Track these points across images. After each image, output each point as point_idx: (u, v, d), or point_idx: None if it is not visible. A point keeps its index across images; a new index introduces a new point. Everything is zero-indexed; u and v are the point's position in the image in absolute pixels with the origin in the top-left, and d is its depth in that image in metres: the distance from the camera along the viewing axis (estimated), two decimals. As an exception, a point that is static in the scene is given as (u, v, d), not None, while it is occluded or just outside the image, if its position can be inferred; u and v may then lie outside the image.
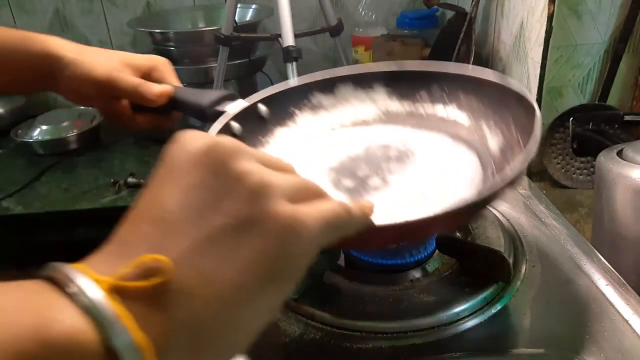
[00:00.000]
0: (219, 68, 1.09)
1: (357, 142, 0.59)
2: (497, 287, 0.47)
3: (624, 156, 0.60)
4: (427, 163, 0.54)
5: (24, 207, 0.99)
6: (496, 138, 0.54)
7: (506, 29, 0.97)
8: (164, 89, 0.58)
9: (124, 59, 0.60)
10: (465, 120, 0.58)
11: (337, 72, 0.62)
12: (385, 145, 0.58)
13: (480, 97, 0.57)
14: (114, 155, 1.20)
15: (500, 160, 0.51)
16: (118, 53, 0.62)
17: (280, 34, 0.95)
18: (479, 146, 0.55)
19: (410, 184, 0.52)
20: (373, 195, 0.50)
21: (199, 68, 1.24)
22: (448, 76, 0.60)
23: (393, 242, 0.44)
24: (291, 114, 0.61)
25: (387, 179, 0.53)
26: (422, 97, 0.62)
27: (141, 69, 0.61)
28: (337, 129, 0.62)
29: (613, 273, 0.50)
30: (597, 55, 0.83)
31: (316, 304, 0.46)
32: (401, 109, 0.62)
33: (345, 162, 0.56)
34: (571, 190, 0.87)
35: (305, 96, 0.62)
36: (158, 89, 0.58)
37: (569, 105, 0.86)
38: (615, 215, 0.60)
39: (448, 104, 0.60)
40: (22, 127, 1.24)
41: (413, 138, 0.59)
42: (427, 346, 0.43)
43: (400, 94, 0.63)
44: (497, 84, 0.54)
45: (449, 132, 0.58)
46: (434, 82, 0.61)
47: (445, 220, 0.39)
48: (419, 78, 0.62)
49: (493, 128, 0.55)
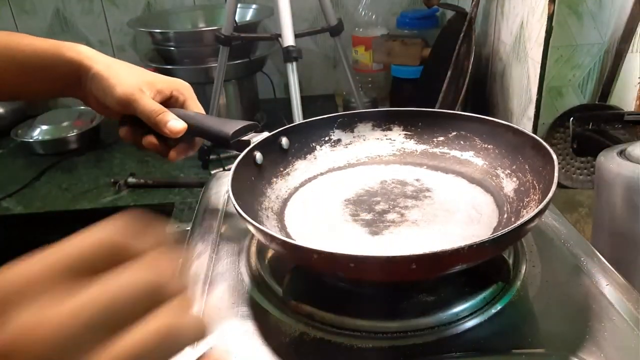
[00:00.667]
0: (219, 68, 1.09)
1: (373, 178, 0.62)
2: (497, 287, 0.47)
3: (625, 156, 0.60)
4: (443, 201, 0.56)
5: (24, 207, 0.99)
6: (511, 182, 0.56)
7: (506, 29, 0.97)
8: (178, 128, 0.59)
9: (148, 80, 0.62)
10: (481, 164, 0.61)
11: (359, 112, 0.67)
12: (402, 182, 0.60)
13: (496, 143, 0.60)
14: (114, 155, 1.20)
15: (516, 203, 0.53)
16: (144, 72, 0.63)
17: (280, 34, 0.95)
18: (495, 188, 0.57)
19: (426, 220, 0.53)
20: (390, 229, 0.52)
21: (199, 68, 1.24)
22: (465, 122, 0.63)
23: (405, 276, 0.43)
24: (312, 148, 0.64)
25: (404, 213, 0.54)
26: (439, 141, 0.64)
27: (164, 92, 0.63)
28: (354, 165, 0.65)
29: (613, 273, 0.50)
30: (597, 55, 0.83)
31: (316, 304, 0.46)
32: (418, 150, 0.65)
33: (362, 195, 0.58)
34: (571, 190, 0.87)
35: (326, 132, 0.65)
36: (173, 126, 0.59)
37: (569, 105, 0.86)
38: (616, 215, 0.60)
39: (465, 149, 0.63)
40: (22, 127, 1.25)
41: (429, 177, 0.61)
42: (427, 346, 0.43)
43: (418, 137, 0.66)
44: (514, 131, 0.57)
45: (465, 174, 0.61)
46: (451, 127, 0.64)
47: (458, 257, 0.39)
48: (437, 123, 0.65)
49: (508, 173, 0.57)
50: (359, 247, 0.50)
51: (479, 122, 0.62)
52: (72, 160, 1.18)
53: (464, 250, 0.38)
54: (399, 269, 0.39)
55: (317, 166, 0.64)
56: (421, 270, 0.40)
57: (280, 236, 0.43)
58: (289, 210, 0.57)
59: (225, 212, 0.64)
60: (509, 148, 0.58)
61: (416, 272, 0.40)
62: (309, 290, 0.48)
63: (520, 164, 0.56)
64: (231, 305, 0.49)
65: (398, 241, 0.51)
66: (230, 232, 0.60)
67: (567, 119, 0.84)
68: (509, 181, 0.56)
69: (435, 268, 0.40)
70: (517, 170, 0.56)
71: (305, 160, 0.64)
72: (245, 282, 0.52)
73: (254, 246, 0.56)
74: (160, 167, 1.11)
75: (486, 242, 0.39)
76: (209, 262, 0.55)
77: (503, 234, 0.40)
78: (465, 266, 0.41)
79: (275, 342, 0.43)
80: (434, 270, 0.41)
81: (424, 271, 0.40)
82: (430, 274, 0.42)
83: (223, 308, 0.48)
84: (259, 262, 0.53)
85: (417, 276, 0.42)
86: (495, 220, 0.53)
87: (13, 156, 1.22)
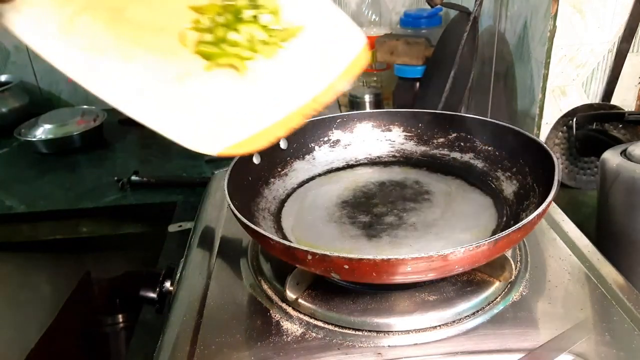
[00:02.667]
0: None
1: (372, 180, 0.62)
2: (499, 287, 0.47)
3: (628, 156, 0.60)
4: (442, 204, 0.56)
5: (27, 206, 0.99)
6: (512, 185, 0.56)
7: (510, 29, 0.97)
8: None
9: None
10: (481, 166, 0.61)
11: (358, 112, 0.67)
12: (401, 185, 0.60)
13: (497, 145, 0.60)
14: (117, 154, 1.20)
15: (516, 206, 0.53)
16: None
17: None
18: (494, 191, 0.57)
19: (425, 223, 0.53)
20: (387, 232, 0.52)
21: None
22: (466, 123, 0.63)
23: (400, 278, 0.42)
24: (311, 148, 0.64)
25: (402, 216, 0.55)
26: (440, 143, 0.64)
27: None
28: (353, 166, 0.65)
29: (616, 274, 0.50)
30: (601, 55, 0.83)
31: (318, 303, 0.46)
32: (417, 152, 0.65)
33: (360, 197, 0.59)
34: (574, 191, 0.87)
35: (325, 132, 0.65)
36: None
37: (572, 105, 0.85)
38: (619, 215, 0.60)
39: (465, 151, 0.63)
40: (25, 126, 1.25)
41: (428, 179, 0.61)
42: (428, 346, 0.43)
43: (417, 138, 0.66)
44: (515, 133, 0.57)
45: (464, 176, 0.61)
46: (451, 128, 0.64)
47: (455, 260, 0.39)
48: (437, 124, 0.65)
49: (509, 175, 0.57)
50: (356, 250, 0.50)
51: (480, 123, 0.61)
52: (75, 159, 1.18)
53: (460, 254, 0.38)
54: (394, 271, 0.39)
55: (316, 167, 0.64)
56: (417, 272, 0.39)
57: (275, 237, 0.43)
58: (285, 211, 0.57)
59: (227, 211, 0.64)
60: (510, 150, 0.58)
61: (411, 275, 0.40)
62: (310, 289, 0.48)
63: (521, 166, 0.56)
64: (232, 304, 0.49)
65: (395, 244, 0.50)
66: (231, 231, 0.60)
67: (571, 118, 0.84)
68: (509, 183, 0.56)
69: (432, 271, 0.40)
70: (518, 172, 0.56)
71: (304, 161, 0.64)
72: (246, 281, 0.52)
73: (256, 245, 0.56)
74: (163, 166, 1.11)
75: (483, 245, 0.39)
76: (210, 260, 0.55)
77: (500, 237, 0.40)
78: (462, 269, 0.41)
79: (276, 341, 0.43)
80: (430, 273, 0.41)
81: (419, 274, 0.40)
82: (426, 277, 0.42)
83: (224, 307, 0.48)
84: (260, 260, 0.53)
85: (412, 279, 0.41)
86: (494, 223, 0.53)
87: (16, 155, 1.22)
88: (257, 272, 0.52)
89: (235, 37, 0.46)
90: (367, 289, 0.47)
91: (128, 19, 0.43)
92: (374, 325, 0.44)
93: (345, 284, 0.48)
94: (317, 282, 0.48)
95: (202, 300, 0.49)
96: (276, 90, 0.47)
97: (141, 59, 0.42)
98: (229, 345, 0.43)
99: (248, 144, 0.44)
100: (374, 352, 0.42)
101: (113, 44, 0.42)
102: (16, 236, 1.01)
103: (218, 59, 0.45)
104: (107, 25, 0.42)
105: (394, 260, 0.38)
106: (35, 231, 1.00)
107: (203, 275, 0.53)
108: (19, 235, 1.01)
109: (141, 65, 0.42)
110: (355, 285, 0.48)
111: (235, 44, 0.46)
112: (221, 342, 0.44)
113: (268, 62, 0.47)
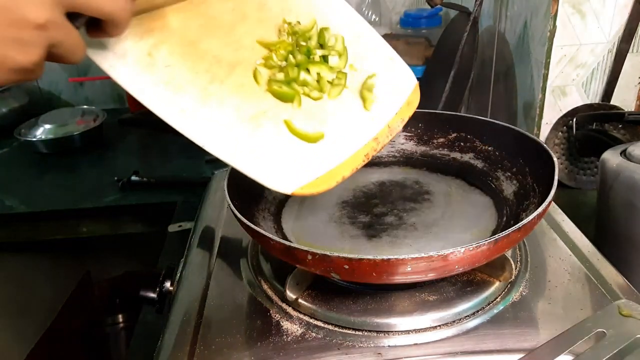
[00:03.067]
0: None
1: (372, 180, 0.62)
2: (499, 287, 0.47)
3: (628, 156, 0.60)
4: (442, 204, 0.57)
5: (27, 206, 0.99)
6: (512, 185, 0.56)
7: (510, 29, 0.97)
8: None
9: None
10: (481, 166, 0.61)
11: None
12: (401, 185, 0.60)
13: (497, 145, 0.60)
14: (117, 154, 1.20)
15: (516, 206, 0.53)
16: None
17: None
18: (494, 191, 0.57)
19: (425, 223, 0.53)
20: (387, 232, 0.52)
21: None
22: (466, 123, 0.63)
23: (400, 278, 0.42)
24: None
25: (402, 216, 0.55)
26: (440, 143, 0.64)
27: None
28: None
29: (616, 274, 0.50)
30: (601, 55, 0.83)
31: (318, 303, 0.46)
32: (417, 152, 0.65)
33: (360, 197, 0.59)
34: (574, 191, 0.87)
35: None
36: None
37: (572, 105, 0.85)
38: (619, 215, 0.60)
39: (465, 151, 0.63)
40: (25, 126, 1.25)
41: (428, 179, 0.61)
42: (428, 346, 0.43)
43: (417, 138, 0.66)
44: (514, 133, 0.57)
45: (464, 176, 0.61)
46: (451, 129, 0.64)
47: (454, 260, 0.39)
48: (438, 124, 0.65)
49: (509, 175, 0.57)
50: (355, 250, 0.50)
51: (480, 123, 0.61)
52: (75, 159, 1.18)
53: (460, 254, 0.38)
54: (394, 271, 0.39)
55: None
56: (417, 273, 0.39)
57: (275, 237, 0.43)
58: (285, 212, 0.57)
59: (227, 211, 0.64)
60: (510, 150, 0.58)
61: (411, 275, 0.40)
62: (310, 289, 0.48)
63: (521, 167, 0.56)
64: (232, 304, 0.49)
65: (395, 244, 0.51)
66: (231, 231, 0.60)
67: (571, 118, 0.84)
68: (509, 184, 0.56)
69: (432, 271, 0.40)
70: (518, 172, 0.56)
71: None
72: (246, 281, 0.52)
73: (256, 245, 0.56)
74: (163, 166, 1.11)
75: (483, 245, 0.39)
76: (210, 260, 0.55)
77: (500, 237, 0.40)
78: (462, 269, 0.41)
79: (276, 341, 0.43)
80: (430, 274, 0.41)
81: (419, 274, 0.40)
82: (426, 277, 0.41)
83: (224, 307, 0.48)
84: (260, 261, 0.53)
85: (412, 279, 0.41)
86: (494, 223, 0.53)
87: (16, 155, 1.22)
88: (257, 272, 0.52)
89: (306, 78, 0.48)
90: (367, 289, 0.47)
91: (203, 51, 0.44)
92: (374, 325, 0.44)
93: (346, 284, 0.48)
94: (317, 282, 0.48)
95: (202, 300, 0.49)
96: (342, 130, 0.48)
97: (217, 96, 0.44)
98: (229, 345, 0.43)
99: (319, 184, 0.45)
100: (374, 352, 0.42)
101: (191, 79, 0.43)
102: (16, 236, 1.01)
103: (291, 99, 0.47)
104: (184, 59, 0.43)
105: (394, 260, 0.38)
106: (35, 231, 1.00)
107: (203, 275, 0.53)
108: (19, 236, 1.01)
109: (217, 103, 0.43)
110: (355, 285, 0.48)
111: (305, 83, 0.48)
112: (221, 342, 0.44)
113: (333, 103, 0.49)
